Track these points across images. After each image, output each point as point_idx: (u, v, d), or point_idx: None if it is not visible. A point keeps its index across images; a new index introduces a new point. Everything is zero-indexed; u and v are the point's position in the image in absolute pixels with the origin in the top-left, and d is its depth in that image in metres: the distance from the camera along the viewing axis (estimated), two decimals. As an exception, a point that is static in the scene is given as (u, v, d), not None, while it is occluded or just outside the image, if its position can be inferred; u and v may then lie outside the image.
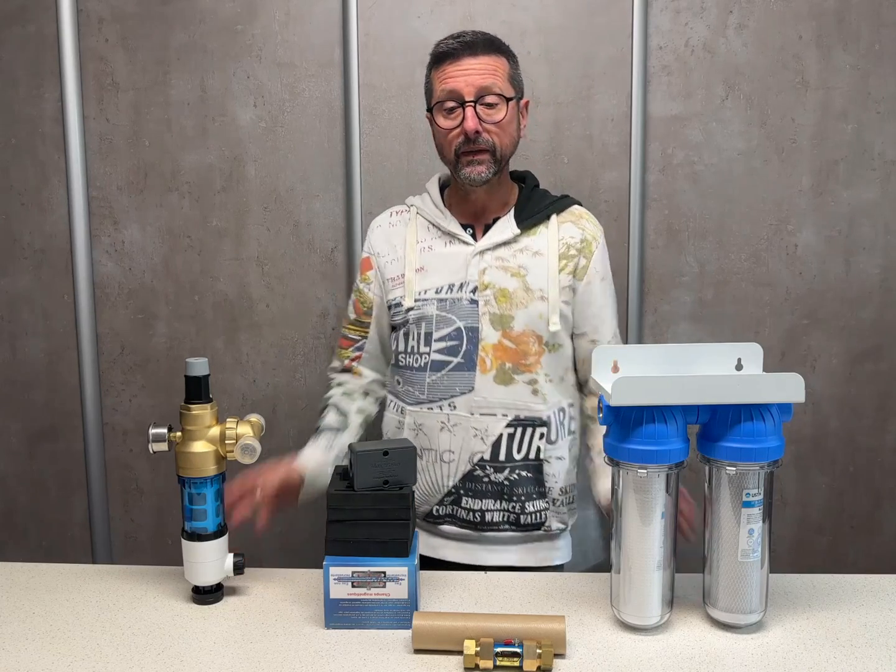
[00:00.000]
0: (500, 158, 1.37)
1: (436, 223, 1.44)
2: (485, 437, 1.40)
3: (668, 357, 1.13)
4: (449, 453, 1.42)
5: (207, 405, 1.18)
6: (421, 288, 1.42)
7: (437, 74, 1.38)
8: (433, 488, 1.44)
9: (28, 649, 1.06)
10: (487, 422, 1.40)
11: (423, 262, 1.43)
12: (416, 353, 1.43)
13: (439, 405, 1.41)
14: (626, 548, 1.08)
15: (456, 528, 1.45)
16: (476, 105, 1.33)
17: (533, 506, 1.44)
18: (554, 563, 1.49)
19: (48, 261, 1.95)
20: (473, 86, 1.33)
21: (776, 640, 1.06)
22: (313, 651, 1.05)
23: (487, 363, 1.39)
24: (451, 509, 1.45)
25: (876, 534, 1.96)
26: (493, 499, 1.43)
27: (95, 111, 1.89)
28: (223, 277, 1.93)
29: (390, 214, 1.52)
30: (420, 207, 1.47)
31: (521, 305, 1.39)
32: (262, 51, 1.85)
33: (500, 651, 0.99)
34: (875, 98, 1.81)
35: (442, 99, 1.36)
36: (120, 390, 1.98)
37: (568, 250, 1.42)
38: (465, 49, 1.34)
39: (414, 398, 1.44)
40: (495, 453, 1.41)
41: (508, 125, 1.37)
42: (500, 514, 1.44)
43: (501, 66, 1.36)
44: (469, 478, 1.42)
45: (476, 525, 1.44)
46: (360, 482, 1.13)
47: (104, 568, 1.31)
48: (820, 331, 1.89)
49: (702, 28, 1.81)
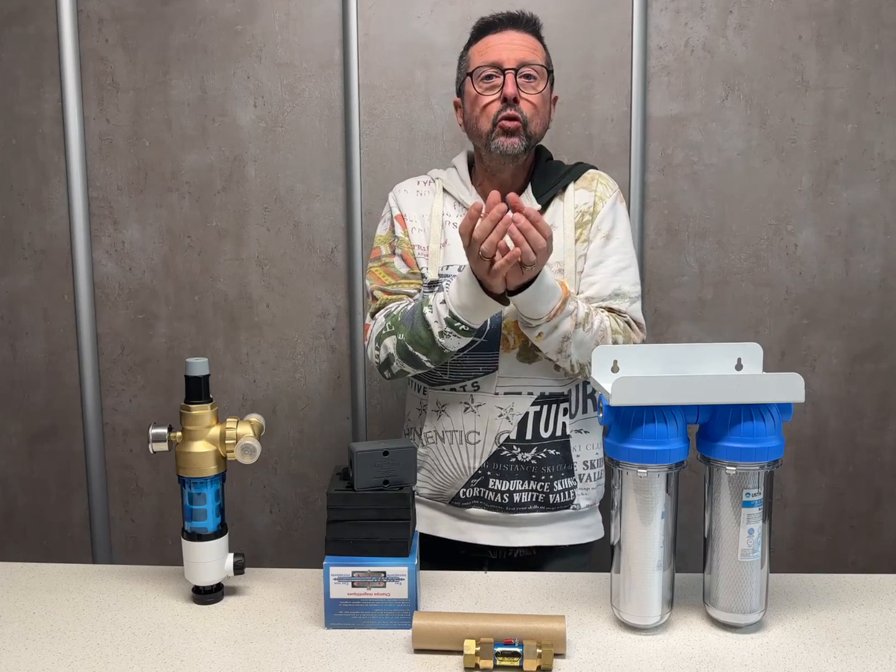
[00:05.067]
0: (531, 135, 1.36)
1: (461, 200, 1.43)
2: (510, 417, 1.39)
3: (668, 357, 1.13)
4: (474, 434, 1.40)
5: (207, 405, 1.18)
6: (445, 263, 1.41)
7: (477, 48, 1.38)
8: (459, 470, 1.42)
9: (28, 649, 1.06)
10: (513, 400, 1.38)
11: (447, 236, 1.42)
12: None
13: (462, 385, 1.40)
14: (626, 548, 1.08)
15: (484, 511, 1.43)
16: (516, 75, 1.33)
17: (561, 484, 1.42)
18: (584, 542, 1.48)
19: (48, 261, 1.95)
20: (516, 57, 1.34)
21: (776, 640, 1.06)
22: (313, 651, 1.05)
23: (511, 341, 1.38)
24: (478, 491, 1.42)
25: (876, 534, 1.96)
26: (521, 479, 1.41)
27: (95, 111, 1.89)
28: (223, 277, 1.93)
29: (417, 183, 1.50)
30: (446, 182, 1.46)
31: None
32: (262, 51, 1.85)
33: (500, 651, 0.99)
34: (875, 98, 1.81)
35: (481, 65, 1.35)
36: (120, 390, 1.98)
37: (582, 217, 1.41)
38: (511, 22, 1.36)
39: (436, 378, 1.42)
40: (521, 432, 1.39)
41: (543, 106, 1.38)
42: (529, 495, 1.42)
43: (540, 48, 1.38)
44: (496, 458, 1.40)
45: (504, 507, 1.42)
46: (360, 482, 1.13)
47: (104, 568, 1.31)
48: (820, 331, 1.89)
49: (702, 28, 1.81)
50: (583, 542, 1.48)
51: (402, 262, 1.45)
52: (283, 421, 1.96)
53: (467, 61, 1.40)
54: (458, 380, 1.40)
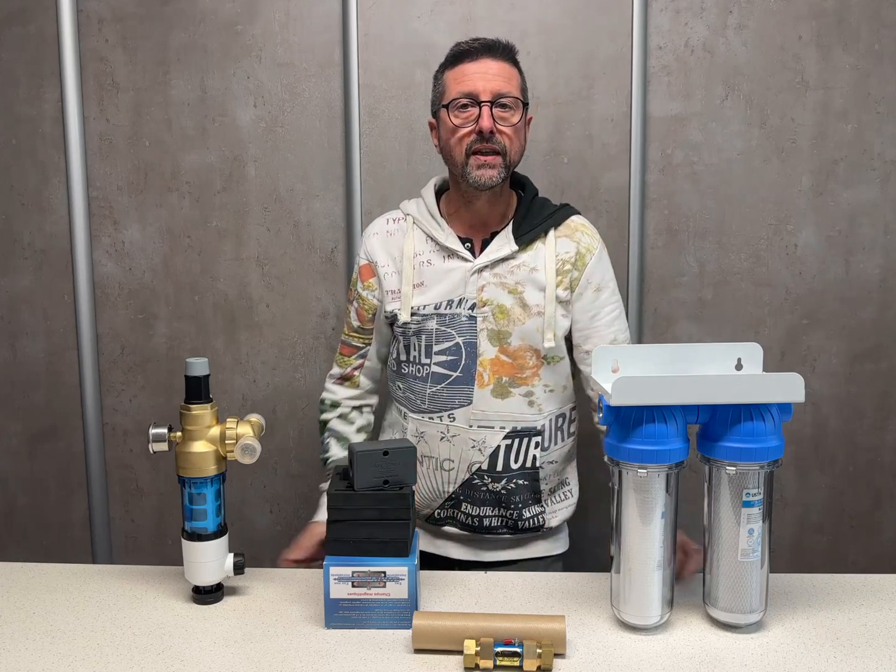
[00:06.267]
0: (510, 164, 1.37)
1: (433, 236, 1.42)
2: (482, 449, 1.41)
3: (668, 357, 1.13)
4: (448, 462, 1.43)
5: (207, 405, 1.18)
6: (420, 303, 1.42)
7: (452, 74, 1.37)
8: (434, 493, 1.46)
9: (28, 649, 1.06)
10: (485, 434, 1.41)
11: (422, 276, 1.42)
12: (418, 364, 1.43)
13: (439, 416, 1.42)
14: (626, 548, 1.08)
15: (456, 530, 1.48)
16: (492, 106, 1.32)
17: (529, 511, 1.46)
18: (552, 554, 1.52)
19: (48, 261, 1.94)
20: (492, 88, 1.33)
21: (776, 640, 1.06)
22: (313, 651, 1.05)
23: (485, 378, 1.40)
24: (451, 512, 1.47)
25: (876, 534, 1.96)
26: (490, 506, 1.45)
27: (95, 111, 1.89)
28: (223, 277, 1.93)
29: (387, 222, 1.49)
30: (417, 218, 1.45)
31: (519, 322, 1.39)
32: (262, 51, 1.85)
33: (500, 651, 0.99)
34: (875, 98, 1.81)
35: (457, 97, 1.34)
36: (120, 390, 1.98)
37: (563, 265, 1.41)
38: (486, 51, 1.35)
39: (416, 406, 1.45)
40: (493, 464, 1.42)
41: (519, 132, 1.37)
42: (498, 520, 1.46)
43: (516, 76, 1.37)
44: (468, 485, 1.44)
45: (475, 528, 1.47)
46: (360, 482, 1.13)
47: (104, 568, 1.31)
48: (820, 331, 1.89)
49: (702, 28, 1.81)
50: (551, 554, 1.52)
51: (356, 315, 1.51)
52: (283, 421, 1.96)
53: (443, 86, 1.38)
54: (436, 410, 1.43)
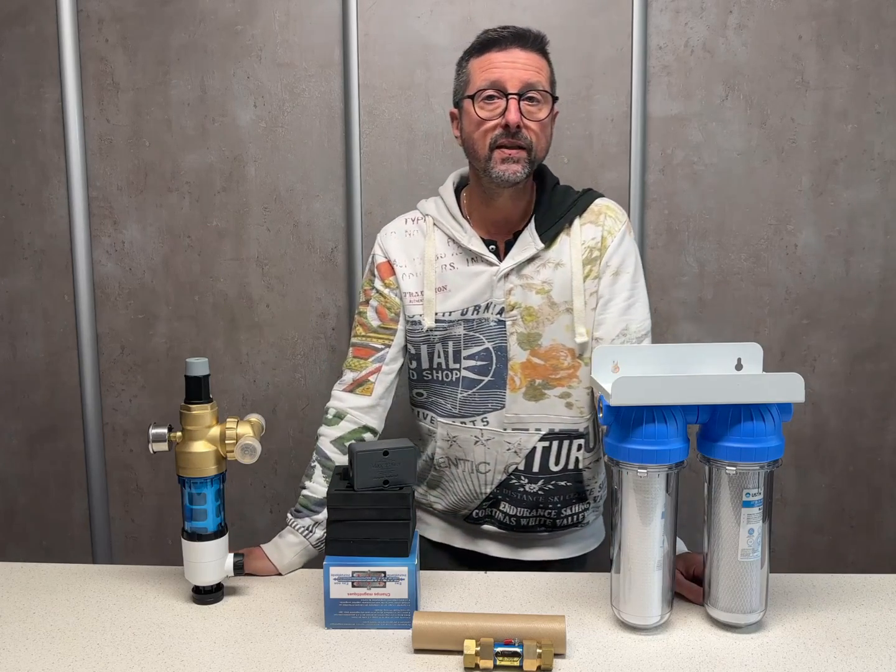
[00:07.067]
0: (534, 160, 1.30)
1: (455, 239, 1.36)
2: (518, 451, 1.39)
3: (668, 357, 1.13)
4: (485, 465, 1.40)
5: (207, 405, 1.18)
6: (445, 309, 1.37)
7: (479, 62, 1.29)
8: (471, 495, 1.43)
9: (28, 649, 1.06)
10: (520, 436, 1.38)
11: (445, 280, 1.37)
12: (446, 370, 1.39)
13: (472, 420, 1.39)
14: (626, 548, 1.08)
15: (495, 528, 1.46)
16: (520, 99, 1.26)
17: (570, 509, 1.44)
18: (590, 550, 1.51)
19: (48, 261, 1.94)
20: (520, 79, 1.26)
21: (776, 640, 1.06)
22: (313, 651, 1.05)
23: (517, 381, 1.36)
24: (489, 511, 1.45)
25: (876, 534, 1.96)
26: (528, 507, 1.42)
27: (95, 111, 1.89)
28: (223, 277, 1.93)
29: (405, 222, 1.43)
30: (437, 218, 1.39)
31: (548, 321, 1.34)
32: (262, 51, 1.85)
33: (500, 651, 0.99)
34: (875, 98, 1.81)
35: (483, 87, 1.27)
36: (120, 390, 1.98)
37: (591, 253, 1.35)
38: (516, 40, 1.28)
39: (445, 411, 1.41)
40: (529, 465, 1.39)
41: (546, 128, 1.31)
42: (536, 520, 1.44)
43: (545, 68, 1.31)
44: (505, 486, 1.41)
45: (513, 528, 1.45)
46: (360, 482, 1.13)
47: (104, 568, 1.31)
48: (820, 331, 1.89)
49: (702, 28, 1.81)
50: (588, 550, 1.51)
51: (375, 314, 1.41)
52: (283, 421, 1.96)
53: (468, 75, 1.32)
54: (468, 415, 1.39)
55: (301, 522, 1.32)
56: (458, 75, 1.36)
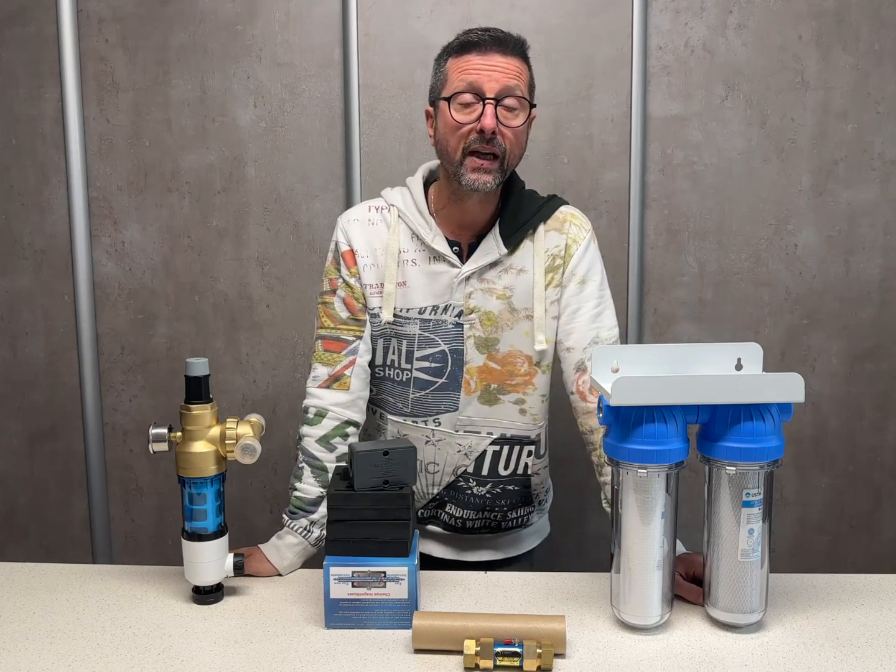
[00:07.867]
0: (507, 168, 1.29)
1: (419, 235, 1.34)
2: (468, 454, 1.40)
3: (668, 357, 1.13)
4: (434, 465, 1.41)
5: (207, 405, 1.18)
6: (403, 305, 1.35)
7: (457, 63, 1.27)
8: (418, 494, 1.44)
9: (28, 649, 1.06)
10: (471, 439, 1.39)
11: (405, 275, 1.35)
12: (398, 368, 1.38)
13: (424, 420, 1.39)
14: (626, 548, 1.08)
15: (439, 529, 1.47)
16: (497, 105, 1.24)
17: (516, 512, 1.46)
18: (532, 547, 1.52)
19: (48, 261, 1.94)
20: (498, 83, 1.23)
21: (776, 640, 1.06)
22: (313, 651, 1.05)
23: (472, 385, 1.36)
24: (435, 512, 1.46)
25: (876, 534, 1.96)
26: (474, 510, 1.43)
27: (95, 111, 1.89)
28: (223, 277, 1.93)
29: (368, 209, 1.39)
30: (402, 211, 1.36)
31: (507, 327, 1.34)
32: (262, 51, 1.85)
33: (500, 651, 0.99)
34: (875, 98, 1.81)
35: (460, 90, 1.24)
36: (120, 390, 1.98)
37: (554, 261, 1.35)
38: (496, 44, 1.25)
39: (396, 409, 1.41)
40: (478, 468, 1.40)
41: (521, 135, 1.29)
42: (481, 522, 1.45)
43: (525, 74, 1.29)
44: (452, 487, 1.42)
45: (457, 529, 1.46)
46: (360, 482, 1.13)
47: (104, 568, 1.31)
48: (820, 331, 1.89)
49: (702, 28, 1.81)
50: (531, 548, 1.52)
51: (343, 305, 1.38)
52: (283, 421, 1.96)
53: (445, 74, 1.29)
54: (420, 415, 1.39)
55: (298, 523, 1.32)
56: (435, 73, 1.33)
